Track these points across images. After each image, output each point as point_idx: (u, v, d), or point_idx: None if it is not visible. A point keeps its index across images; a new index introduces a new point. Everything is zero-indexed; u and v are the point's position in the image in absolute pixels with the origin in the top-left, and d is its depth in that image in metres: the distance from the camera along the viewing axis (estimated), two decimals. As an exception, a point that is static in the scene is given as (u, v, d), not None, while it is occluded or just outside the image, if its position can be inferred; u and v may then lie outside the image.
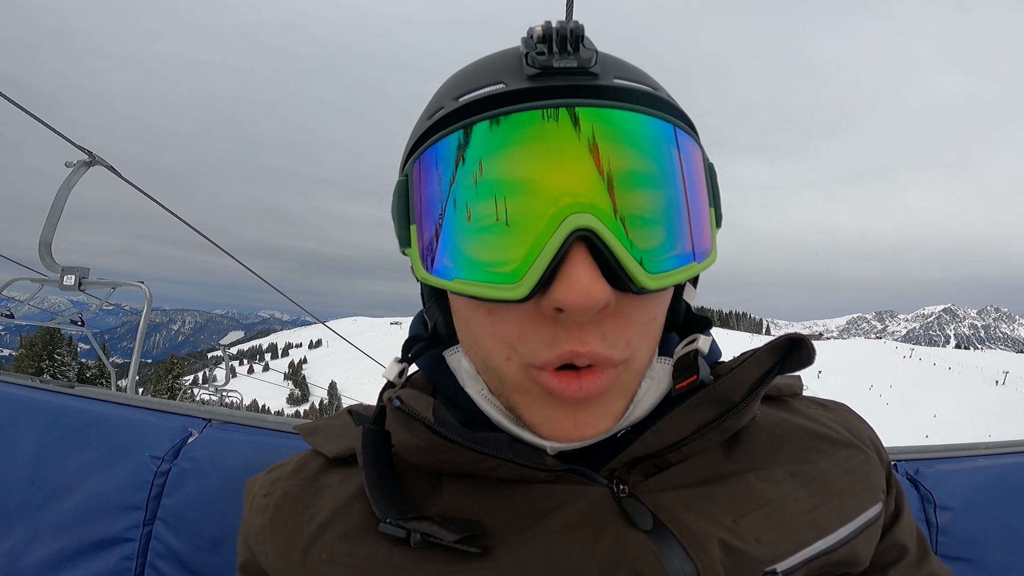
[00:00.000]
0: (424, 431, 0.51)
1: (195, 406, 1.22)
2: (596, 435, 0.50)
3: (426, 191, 0.49)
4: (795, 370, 0.58)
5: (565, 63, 0.46)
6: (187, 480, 1.04)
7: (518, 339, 0.48)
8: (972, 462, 1.18)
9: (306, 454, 0.64)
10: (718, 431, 0.55)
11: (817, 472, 0.58)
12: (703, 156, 0.52)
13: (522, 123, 0.45)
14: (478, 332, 0.51)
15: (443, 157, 0.47)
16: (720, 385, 0.54)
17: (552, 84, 0.46)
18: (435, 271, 0.49)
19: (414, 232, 0.50)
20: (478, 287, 0.46)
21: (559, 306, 0.44)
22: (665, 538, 0.49)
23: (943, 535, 1.08)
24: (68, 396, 1.25)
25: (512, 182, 0.45)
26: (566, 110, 0.44)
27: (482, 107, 0.47)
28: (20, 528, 1.09)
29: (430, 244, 0.49)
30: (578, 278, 0.43)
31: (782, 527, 0.52)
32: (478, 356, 0.53)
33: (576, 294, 0.43)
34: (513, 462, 0.51)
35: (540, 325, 0.47)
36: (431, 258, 0.49)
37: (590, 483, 0.54)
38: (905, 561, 0.63)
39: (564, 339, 0.46)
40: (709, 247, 0.51)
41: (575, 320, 0.45)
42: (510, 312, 0.48)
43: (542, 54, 0.46)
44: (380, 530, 0.50)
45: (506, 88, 0.46)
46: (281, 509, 0.58)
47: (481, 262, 0.46)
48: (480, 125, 0.46)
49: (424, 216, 0.49)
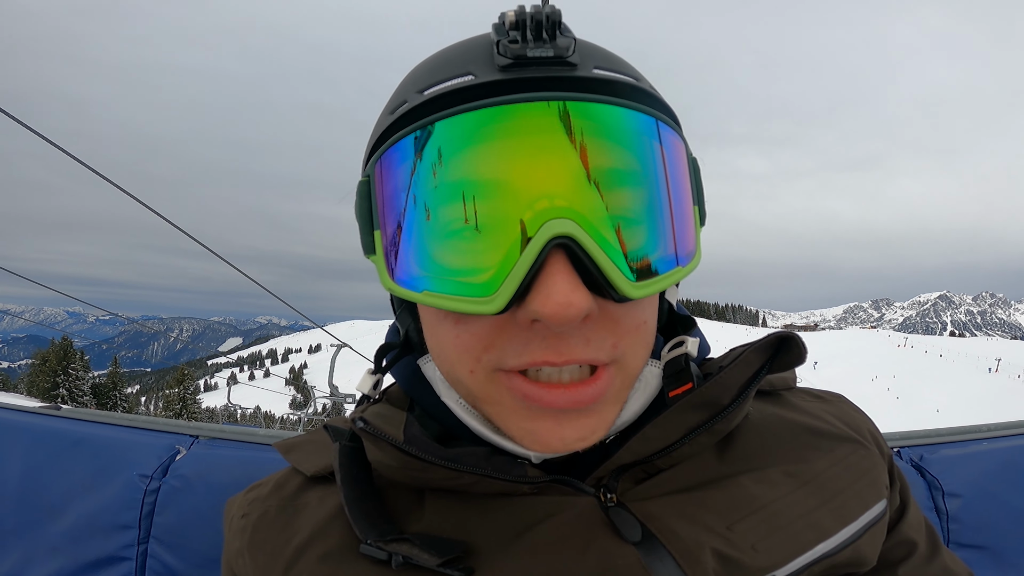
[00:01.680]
0: (393, 451, 0.49)
1: (182, 423, 1.22)
2: (588, 446, 0.48)
3: (389, 194, 0.45)
4: (785, 369, 0.56)
5: (540, 52, 0.42)
6: (178, 498, 1.03)
7: (484, 349, 0.45)
8: (977, 446, 1.17)
9: (285, 472, 0.62)
10: (708, 434, 0.53)
11: (815, 471, 0.55)
12: (687, 151, 0.49)
13: (493, 119, 0.41)
14: (443, 342, 0.48)
15: (407, 157, 0.43)
16: (708, 388, 0.51)
17: (526, 75, 0.42)
18: (402, 281, 0.46)
19: (378, 238, 0.47)
20: (449, 300, 0.43)
21: (536, 317, 0.41)
22: (655, 549, 0.47)
23: (954, 523, 1.06)
24: (51, 417, 1.23)
25: (483, 184, 0.41)
26: (542, 104, 0.41)
27: (450, 101, 0.43)
28: (16, 549, 1.08)
29: (396, 252, 0.45)
30: (557, 288, 0.40)
31: (780, 532, 0.50)
32: (445, 369, 0.51)
33: (555, 304, 0.40)
34: (491, 477, 0.49)
35: (512, 333, 0.44)
36: (396, 268, 0.46)
37: (576, 493, 0.52)
38: (915, 557, 0.60)
39: (536, 347, 0.44)
40: (693, 248, 0.49)
41: (554, 331, 0.43)
42: (480, 322, 0.45)
43: (515, 42, 0.42)
44: (361, 551, 0.48)
45: (475, 80, 0.43)
46: (259, 530, 0.56)
47: (452, 272, 0.43)
48: (447, 121, 0.42)
49: (388, 221, 0.46)
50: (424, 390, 0.58)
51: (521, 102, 0.41)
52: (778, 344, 0.54)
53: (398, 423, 0.52)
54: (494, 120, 0.41)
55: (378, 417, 0.52)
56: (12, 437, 1.17)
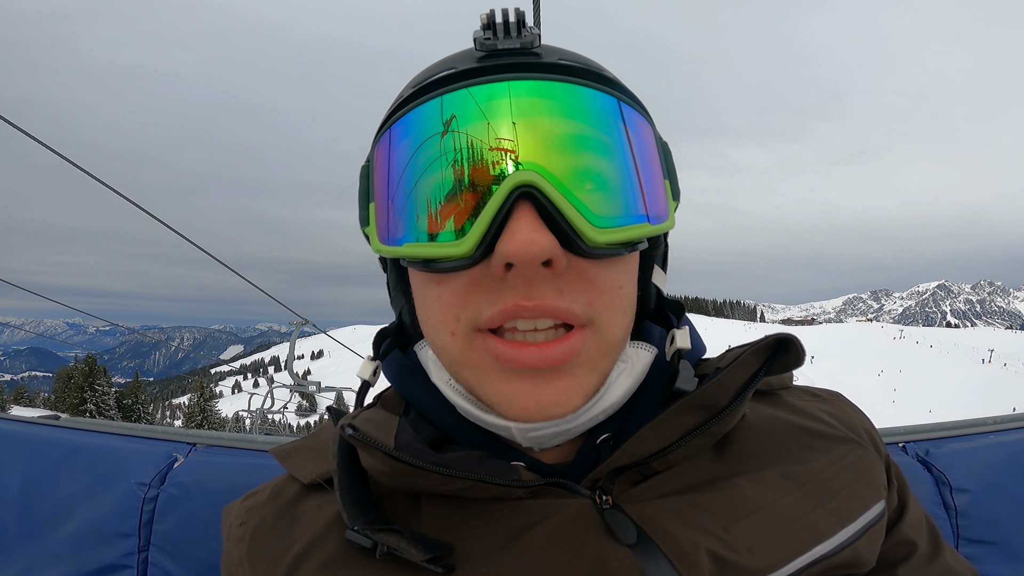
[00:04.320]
0: (384, 457, 0.49)
1: (179, 430, 1.21)
2: (565, 413, 0.48)
3: (382, 170, 0.52)
4: (784, 371, 0.56)
5: (508, 44, 0.49)
6: (176, 505, 1.03)
7: (462, 304, 0.48)
8: (983, 439, 1.16)
9: (283, 479, 0.62)
10: (704, 436, 0.53)
11: (813, 472, 0.56)
12: (654, 131, 0.54)
13: (467, 98, 0.48)
14: (427, 306, 0.52)
15: (395, 136, 0.51)
16: (705, 390, 0.51)
17: (498, 63, 0.50)
18: (388, 242, 0.51)
19: (372, 210, 0.53)
20: (424, 248, 0.47)
21: (505, 259, 0.44)
22: (650, 551, 0.48)
23: (963, 518, 1.05)
24: (49, 427, 1.24)
25: (456, 151, 0.47)
26: (508, 83, 0.48)
27: (433, 89, 0.50)
28: (19, 558, 1.09)
29: (384, 217, 0.51)
30: (520, 228, 0.44)
31: (777, 533, 0.50)
32: (431, 338, 0.53)
33: (518, 242, 0.44)
34: (484, 481, 0.49)
35: (485, 287, 0.48)
36: (385, 230, 0.51)
37: (572, 496, 0.52)
38: (915, 557, 0.60)
39: (508, 294, 0.46)
40: (664, 214, 0.52)
41: (522, 274, 0.45)
42: (457, 279, 0.48)
43: (488, 39, 0.49)
44: (347, 536, 0.49)
45: (456, 70, 0.50)
46: (257, 539, 0.56)
47: (430, 227, 0.48)
48: (430, 104, 0.49)
49: (380, 193, 0.52)
50: (418, 386, 0.58)
51: (492, 81, 0.48)
52: (776, 346, 0.54)
53: (390, 429, 0.52)
54: (468, 99, 0.48)
55: (369, 423, 0.53)
56: (12, 447, 1.18)
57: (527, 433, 0.50)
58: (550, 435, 0.51)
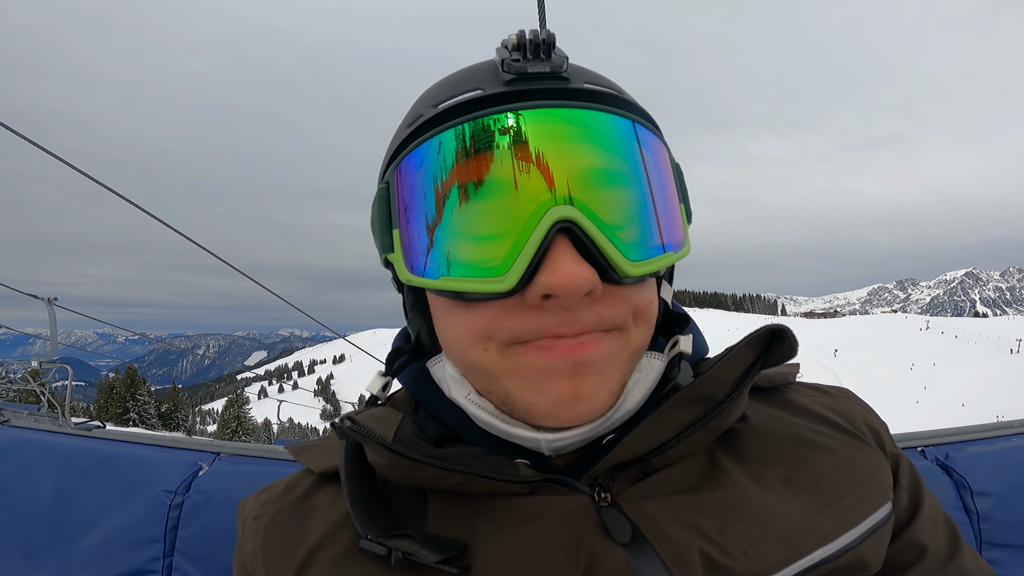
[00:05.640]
0: (381, 450, 0.50)
1: (205, 440, 1.25)
2: (593, 413, 0.49)
3: (407, 195, 0.50)
4: (777, 363, 0.55)
5: (538, 68, 0.48)
6: (200, 512, 1.06)
7: (495, 328, 0.48)
8: (1005, 443, 1.14)
9: (298, 474, 0.64)
10: (704, 432, 0.52)
11: (817, 474, 0.54)
12: (670, 155, 0.55)
13: (499, 124, 0.47)
14: (455, 329, 0.51)
15: (423, 161, 0.49)
16: (702, 383, 0.51)
17: (527, 88, 0.48)
18: (420, 272, 0.50)
19: (397, 237, 0.51)
20: (464, 282, 0.47)
21: (547, 291, 0.45)
22: (644, 551, 0.47)
23: (985, 522, 1.03)
24: (81, 437, 1.28)
25: (492, 181, 0.46)
26: (543, 111, 0.47)
27: (460, 112, 0.49)
28: (49, 564, 1.12)
29: (413, 246, 0.50)
30: (563, 261, 0.45)
31: (775, 536, 0.49)
32: (458, 357, 0.53)
33: (562, 275, 0.44)
34: (481, 476, 0.49)
35: (519, 314, 0.48)
36: (415, 260, 0.50)
37: (571, 492, 0.52)
38: (925, 561, 0.58)
39: (547, 323, 0.47)
40: (682, 240, 0.53)
41: (564, 304, 0.46)
42: (488, 306, 0.48)
43: (517, 60, 0.48)
44: (361, 546, 0.49)
45: (484, 93, 0.49)
46: (271, 532, 0.57)
47: (466, 259, 0.47)
48: (459, 128, 0.47)
49: (406, 220, 0.50)
50: (431, 391, 0.59)
51: (524, 109, 0.47)
52: (770, 338, 0.54)
53: (391, 424, 0.53)
54: (501, 124, 0.47)
55: (371, 418, 0.54)
56: (45, 456, 1.22)
57: (552, 444, 0.51)
58: (573, 444, 0.52)
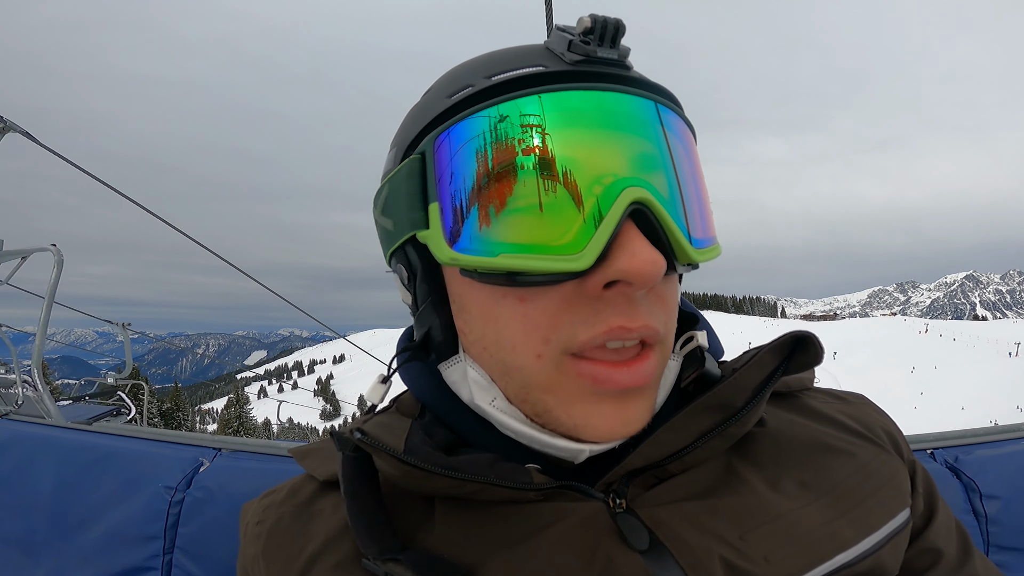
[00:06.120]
0: (392, 460, 0.48)
1: (206, 436, 1.24)
2: (639, 430, 0.49)
3: (459, 166, 0.46)
4: (802, 370, 0.55)
5: (607, 54, 0.47)
6: (201, 509, 1.05)
7: (553, 326, 0.46)
8: (1015, 445, 1.13)
9: (301, 478, 0.62)
10: (721, 438, 0.51)
11: (836, 479, 0.54)
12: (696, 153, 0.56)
13: (575, 101, 0.45)
14: (504, 325, 0.48)
15: (481, 131, 0.46)
16: (721, 390, 0.50)
17: (594, 70, 0.47)
18: (468, 249, 0.46)
19: (435, 211, 0.47)
20: (530, 260, 0.44)
21: (622, 277, 0.43)
22: (662, 557, 0.46)
23: (993, 525, 1.02)
24: (83, 432, 1.27)
25: (564, 157, 0.44)
26: (619, 95, 0.46)
27: (520, 86, 0.47)
28: (48, 560, 1.12)
29: (463, 220, 0.46)
30: (640, 246, 0.43)
31: (795, 542, 0.48)
32: (498, 358, 0.49)
33: (642, 261, 0.42)
34: (495, 484, 0.48)
35: (578, 307, 0.45)
36: (463, 235, 0.46)
37: (585, 499, 0.51)
38: (940, 567, 0.58)
39: (609, 315, 0.45)
40: (716, 236, 0.53)
41: (627, 293, 0.45)
42: (546, 296, 0.45)
43: (587, 43, 0.47)
44: (363, 566, 0.48)
45: (547, 70, 0.47)
46: (274, 537, 0.56)
47: (530, 237, 0.44)
48: (527, 100, 0.45)
49: (456, 192, 0.46)
50: (437, 394, 0.57)
51: (600, 90, 0.46)
52: (793, 344, 0.53)
53: (400, 432, 0.51)
54: (575, 103, 0.45)
55: (379, 427, 0.52)
56: (46, 451, 1.21)
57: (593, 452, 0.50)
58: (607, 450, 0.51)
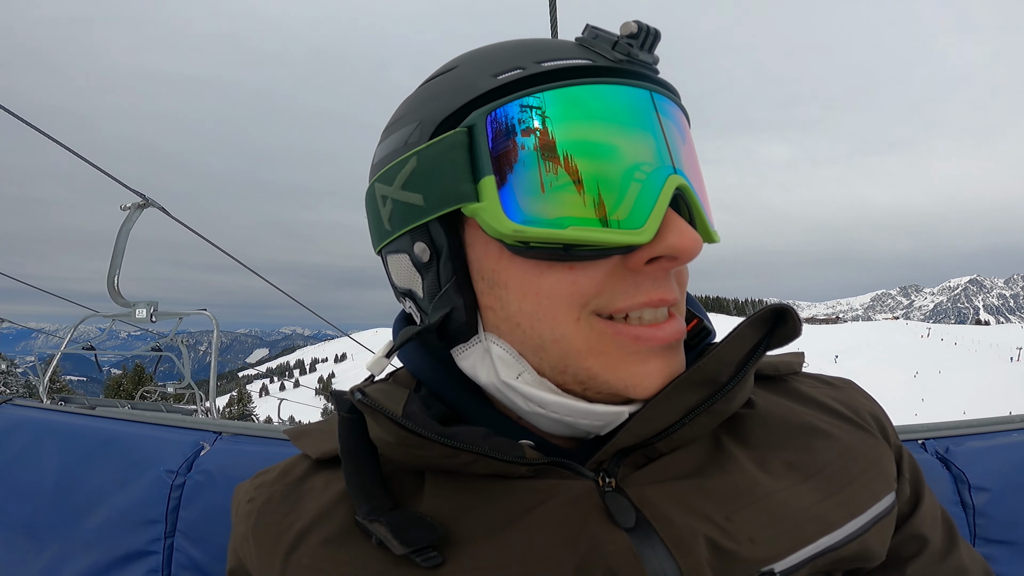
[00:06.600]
0: (390, 424, 0.49)
1: (207, 420, 1.25)
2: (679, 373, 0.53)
3: (522, 142, 0.49)
4: (781, 344, 0.56)
5: (645, 58, 0.52)
6: (201, 493, 1.06)
7: (596, 292, 0.49)
8: (1006, 438, 1.13)
9: (294, 458, 0.63)
10: (708, 415, 0.52)
11: (822, 461, 0.55)
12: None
13: (630, 95, 0.51)
14: (547, 295, 0.49)
15: (543, 112, 0.49)
16: (705, 364, 0.51)
17: (634, 70, 0.52)
18: (532, 222, 0.48)
19: (489, 185, 0.48)
20: (598, 232, 0.47)
21: (671, 252, 0.48)
22: (648, 536, 0.47)
23: (981, 517, 1.03)
24: (85, 416, 1.29)
25: (626, 143, 0.49)
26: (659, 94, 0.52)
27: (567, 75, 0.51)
28: (52, 545, 1.13)
29: (530, 194, 0.48)
30: (687, 227, 0.49)
31: (781, 523, 0.49)
32: (535, 332, 0.50)
33: (690, 239, 0.48)
34: (488, 456, 0.49)
35: (621, 277, 0.50)
36: (529, 209, 0.48)
37: (575, 477, 0.51)
38: (926, 554, 0.59)
39: (648, 287, 0.50)
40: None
41: (668, 268, 0.50)
42: (594, 267, 0.49)
43: (631, 46, 0.52)
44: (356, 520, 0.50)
45: (594, 64, 0.51)
46: (264, 515, 0.57)
47: (592, 211, 0.48)
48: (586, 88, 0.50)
49: (522, 166, 0.48)
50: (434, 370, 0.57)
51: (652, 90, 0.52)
52: (773, 318, 0.55)
53: (399, 399, 0.52)
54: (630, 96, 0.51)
55: (379, 392, 0.53)
56: (48, 437, 1.23)
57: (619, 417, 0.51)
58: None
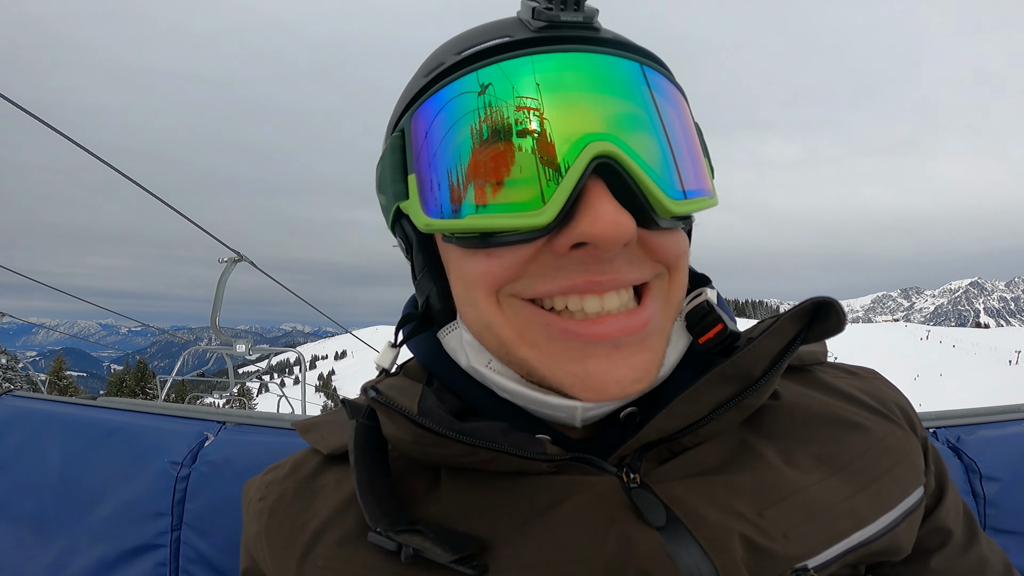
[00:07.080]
0: (406, 423, 0.48)
1: (210, 409, 1.23)
2: (643, 389, 0.47)
3: (430, 138, 0.47)
4: (822, 338, 0.53)
5: (571, 17, 0.47)
6: (207, 484, 1.05)
7: (513, 276, 0.46)
8: (1017, 427, 1.12)
9: (303, 453, 0.62)
10: (737, 409, 0.50)
11: (852, 455, 0.53)
12: (691, 113, 0.54)
13: (534, 66, 0.45)
14: (472, 281, 0.48)
15: (448, 103, 0.47)
16: (740, 359, 0.49)
17: (559, 35, 0.47)
18: (440, 215, 0.47)
19: (413, 183, 0.49)
20: (494, 218, 0.44)
21: (586, 240, 0.43)
22: (680, 534, 0.45)
23: (991, 507, 1.02)
24: (88, 407, 1.27)
25: (524, 121, 0.44)
26: (579, 55, 0.46)
27: (486, 57, 0.47)
28: (59, 539, 1.12)
29: (434, 188, 0.47)
30: (604, 208, 0.42)
31: (814, 519, 0.48)
32: (472, 316, 0.50)
33: (604, 224, 0.42)
34: (508, 453, 0.47)
35: (544, 261, 0.46)
36: (436, 202, 0.47)
37: (597, 472, 0.49)
38: (950, 547, 0.57)
39: (573, 271, 0.45)
40: (711, 189, 0.51)
41: (600, 255, 0.44)
42: (513, 253, 0.46)
43: (550, 9, 0.47)
44: (369, 539, 0.47)
45: (512, 39, 0.47)
46: (276, 513, 0.55)
47: (496, 198, 0.45)
48: (490, 69, 0.46)
49: (426, 162, 0.48)
50: (444, 362, 0.56)
51: (559, 52, 0.46)
52: (814, 311, 0.52)
53: (413, 395, 0.51)
54: (535, 68, 0.45)
55: (392, 389, 0.52)
56: (51, 428, 1.21)
57: (588, 413, 0.49)
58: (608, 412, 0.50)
